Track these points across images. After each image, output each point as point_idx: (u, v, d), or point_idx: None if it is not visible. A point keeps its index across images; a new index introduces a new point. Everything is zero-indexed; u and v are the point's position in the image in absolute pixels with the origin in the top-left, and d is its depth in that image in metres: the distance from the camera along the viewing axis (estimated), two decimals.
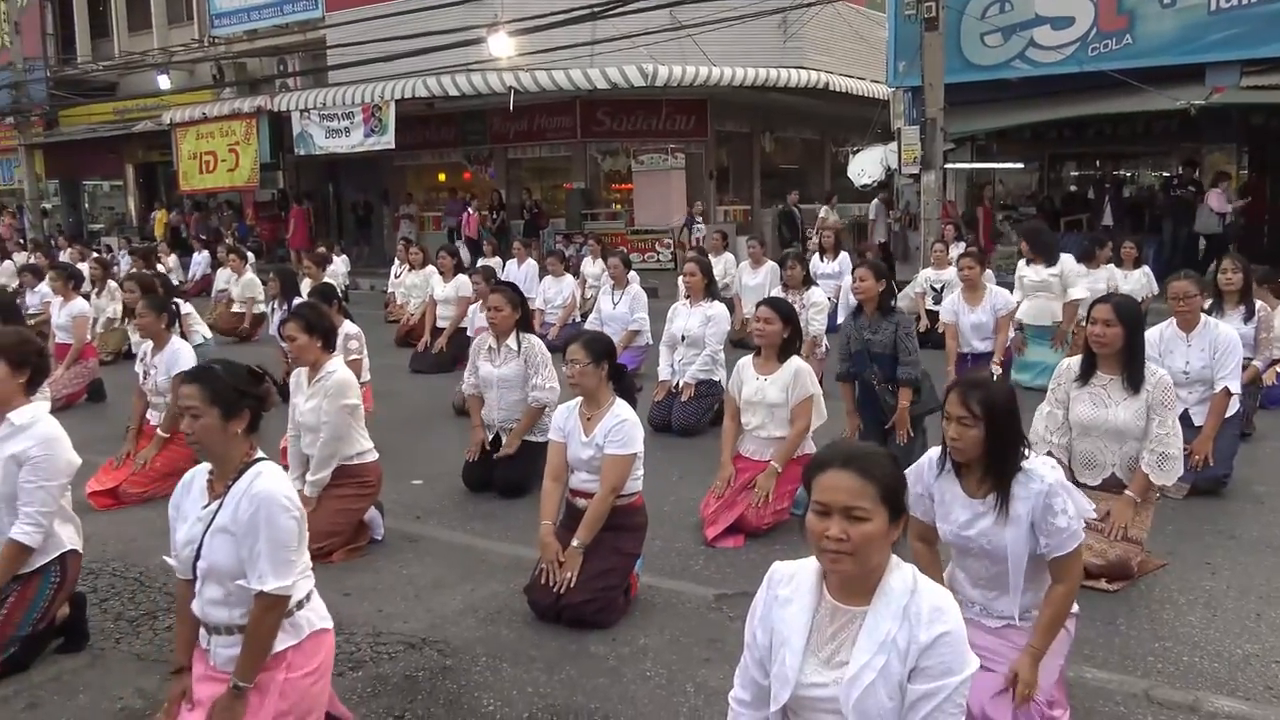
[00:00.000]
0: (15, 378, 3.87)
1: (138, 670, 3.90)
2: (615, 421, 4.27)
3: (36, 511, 3.76)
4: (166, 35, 26.17)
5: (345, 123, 20.49)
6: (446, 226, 22.62)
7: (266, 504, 2.94)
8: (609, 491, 4.20)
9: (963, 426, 3.08)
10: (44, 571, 3.89)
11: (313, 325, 5.12)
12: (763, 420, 5.28)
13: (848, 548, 2.20)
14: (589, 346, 4.37)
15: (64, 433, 3.91)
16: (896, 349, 5.90)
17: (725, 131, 22.00)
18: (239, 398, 3.05)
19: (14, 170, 28.39)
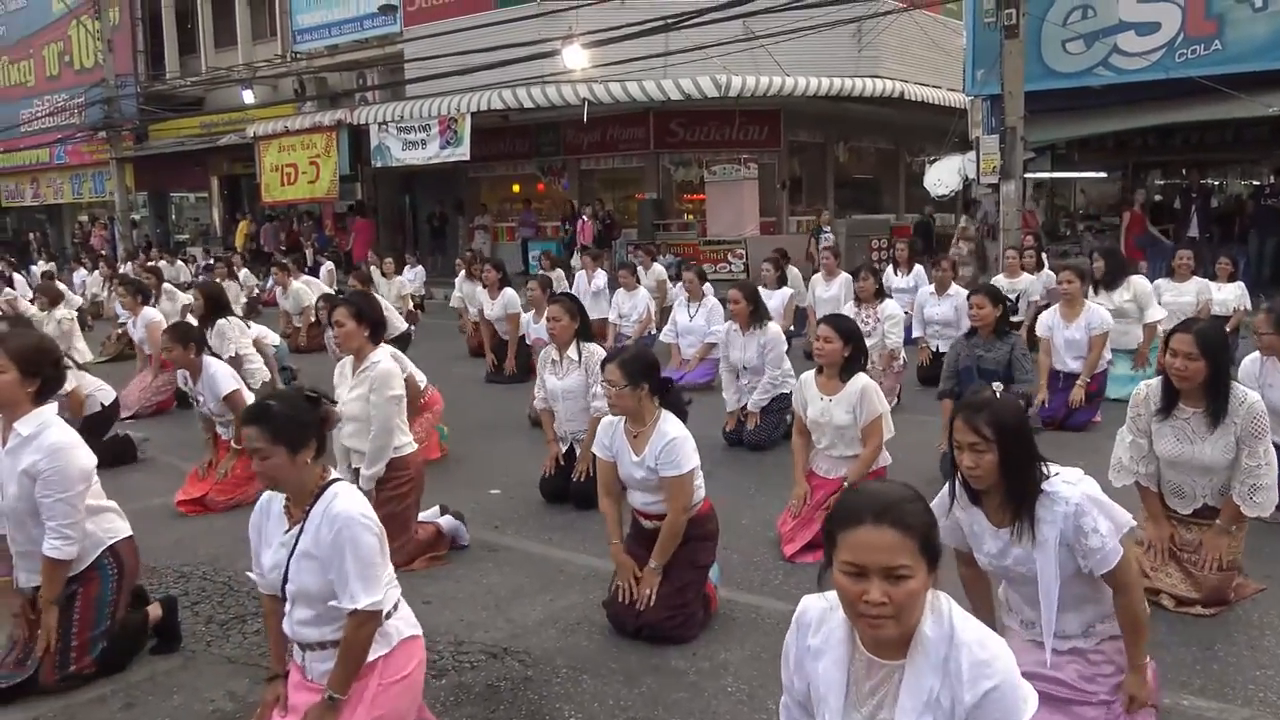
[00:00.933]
0: (25, 385, 3.80)
1: (228, 673, 3.99)
2: (664, 441, 4.10)
3: (60, 524, 3.75)
4: (251, 51, 26.89)
5: (422, 135, 20.83)
6: (521, 237, 22.87)
7: (347, 525, 2.97)
8: (680, 511, 4.10)
9: (976, 453, 2.94)
10: (99, 566, 3.95)
11: (362, 313, 5.08)
12: (832, 440, 5.19)
13: (889, 611, 1.99)
14: (625, 367, 4.16)
15: (72, 437, 3.85)
16: (1011, 367, 5.96)
17: (798, 141, 21.89)
18: (301, 429, 3.04)
19: (105, 183, 29.40)
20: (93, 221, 32.26)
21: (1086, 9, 14.58)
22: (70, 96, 29.35)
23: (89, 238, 31.59)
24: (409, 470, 5.10)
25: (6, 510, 3.82)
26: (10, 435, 3.81)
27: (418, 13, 21.97)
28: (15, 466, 3.75)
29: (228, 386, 6.16)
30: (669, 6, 16.49)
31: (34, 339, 3.98)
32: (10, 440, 3.80)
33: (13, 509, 3.80)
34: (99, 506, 3.99)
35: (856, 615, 2.04)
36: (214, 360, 6.39)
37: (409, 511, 5.10)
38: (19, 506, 3.78)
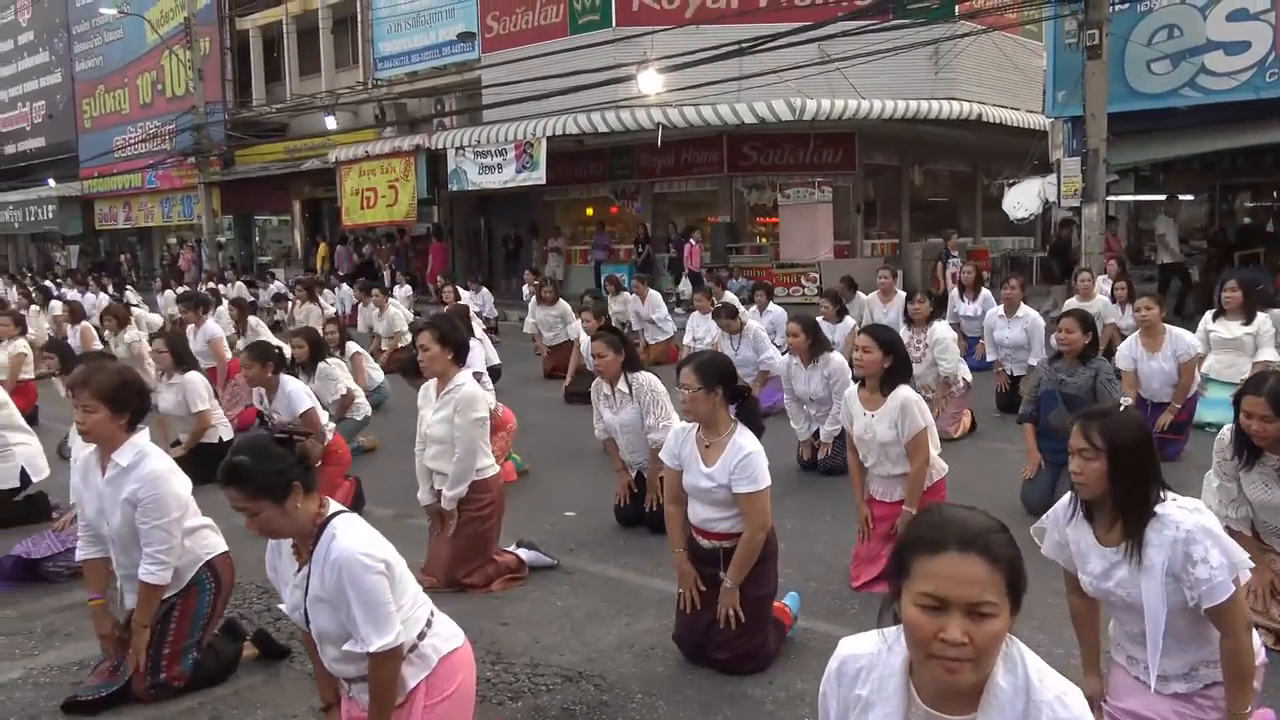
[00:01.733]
0: (116, 420, 3.92)
1: (310, 689, 4.03)
2: (740, 456, 3.97)
3: (157, 551, 3.85)
4: (334, 78, 27.61)
5: (498, 159, 21.15)
6: (594, 260, 23.03)
7: (348, 568, 2.89)
8: (757, 530, 3.98)
9: (1084, 460, 2.89)
10: (197, 581, 4.04)
11: (445, 337, 5.11)
12: (878, 458, 5.06)
13: (968, 653, 1.74)
14: (701, 370, 4.07)
15: (168, 464, 3.97)
16: (1095, 394, 5.85)
17: (873, 164, 21.74)
18: (279, 476, 2.94)
19: (194, 206, 30.39)
20: (181, 244, 33.34)
21: (1172, 29, 14.28)
22: (162, 123, 30.44)
23: (177, 260, 32.66)
24: (491, 493, 5.14)
25: (113, 537, 3.97)
26: (110, 466, 3.94)
27: (495, 39, 22.36)
28: (117, 496, 3.88)
29: (303, 404, 6.33)
30: (744, 31, 16.55)
31: (116, 375, 4.08)
32: (110, 471, 3.94)
33: (118, 535, 3.95)
34: (196, 525, 4.08)
35: (928, 656, 1.78)
36: (290, 378, 6.56)
37: (490, 534, 5.14)
38: (123, 533, 3.92)
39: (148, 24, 29.77)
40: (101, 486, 3.95)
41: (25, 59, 38.85)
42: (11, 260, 44.21)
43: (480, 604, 4.85)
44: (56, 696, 4.01)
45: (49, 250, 41.25)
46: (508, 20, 22.16)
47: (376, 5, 25.30)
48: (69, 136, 36.26)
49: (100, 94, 34.84)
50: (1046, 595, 4.77)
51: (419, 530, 6.18)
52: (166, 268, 33.75)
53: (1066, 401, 5.91)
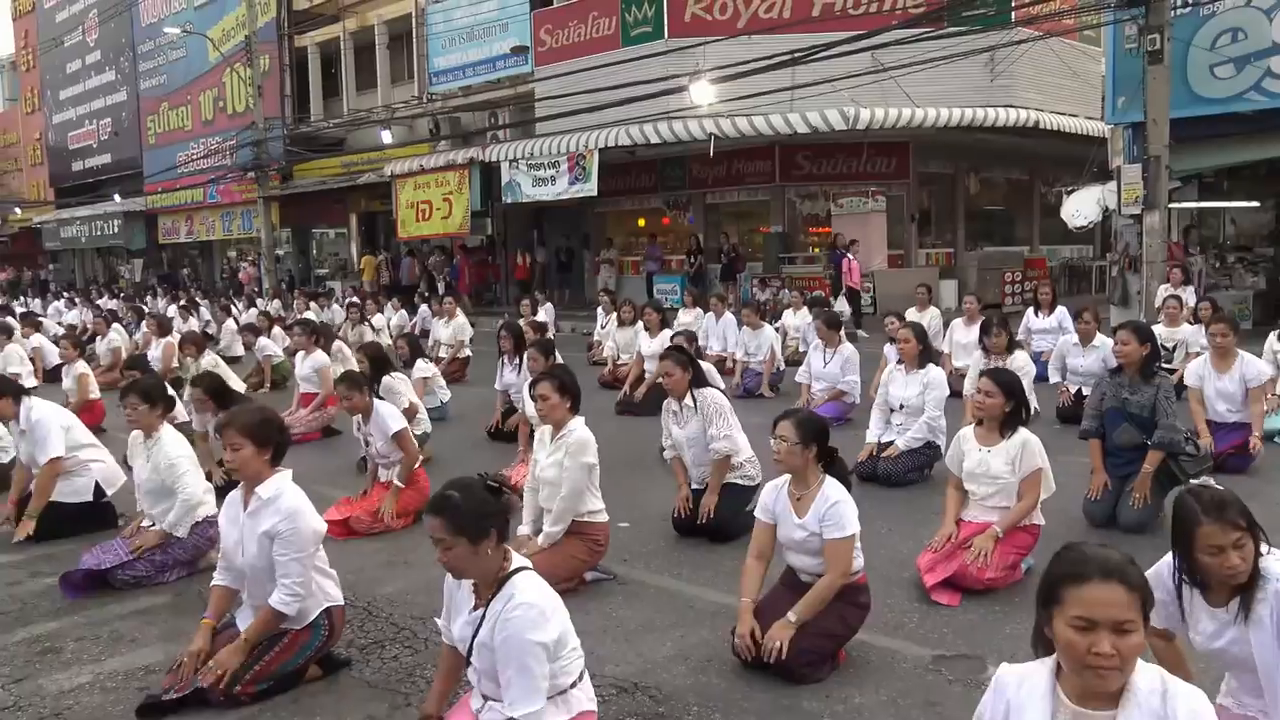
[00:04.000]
0: (261, 455, 4.13)
1: (368, 696, 4.09)
2: (828, 504, 4.11)
3: (293, 582, 4.02)
4: (390, 93, 28.01)
5: (551, 171, 21.29)
6: (646, 271, 23.08)
7: (517, 633, 3.04)
8: (839, 576, 4.08)
9: (1240, 548, 2.81)
10: (314, 625, 4.17)
11: (565, 387, 5.31)
12: (989, 491, 5.07)
13: (1116, 662, 2.13)
14: (800, 426, 4.21)
15: (305, 502, 4.14)
16: (1155, 411, 5.77)
17: (928, 173, 21.54)
18: (481, 520, 3.11)
19: (253, 220, 30.97)
20: (241, 257, 33.96)
21: (1236, 32, 13.98)
22: (223, 139, 31.09)
23: (236, 273, 33.29)
24: (599, 537, 5.26)
25: (245, 567, 4.13)
26: (252, 499, 4.13)
27: (548, 53, 22.52)
28: (256, 528, 4.06)
29: (396, 425, 6.50)
30: (796, 40, 16.51)
31: (258, 413, 4.28)
32: (251, 504, 4.13)
33: (251, 566, 4.10)
34: (325, 571, 4.27)
35: (1084, 667, 2.16)
36: (383, 403, 6.76)
37: (580, 570, 5.21)
38: (258, 564, 4.08)
39: (210, 43, 30.45)
40: (243, 519, 4.14)
41: (93, 78, 39.95)
42: (79, 274, 45.45)
43: None
44: (124, 701, 4.10)
45: (114, 264, 42.30)
46: (560, 33, 22.32)
47: (431, 21, 25.63)
48: (134, 153, 37.19)
49: (164, 111, 35.69)
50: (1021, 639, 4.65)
51: None
52: (227, 281, 34.43)
53: (1130, 420, 5.88)
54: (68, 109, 41.69)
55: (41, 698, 4.18)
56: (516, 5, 23.23)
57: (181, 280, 37.21)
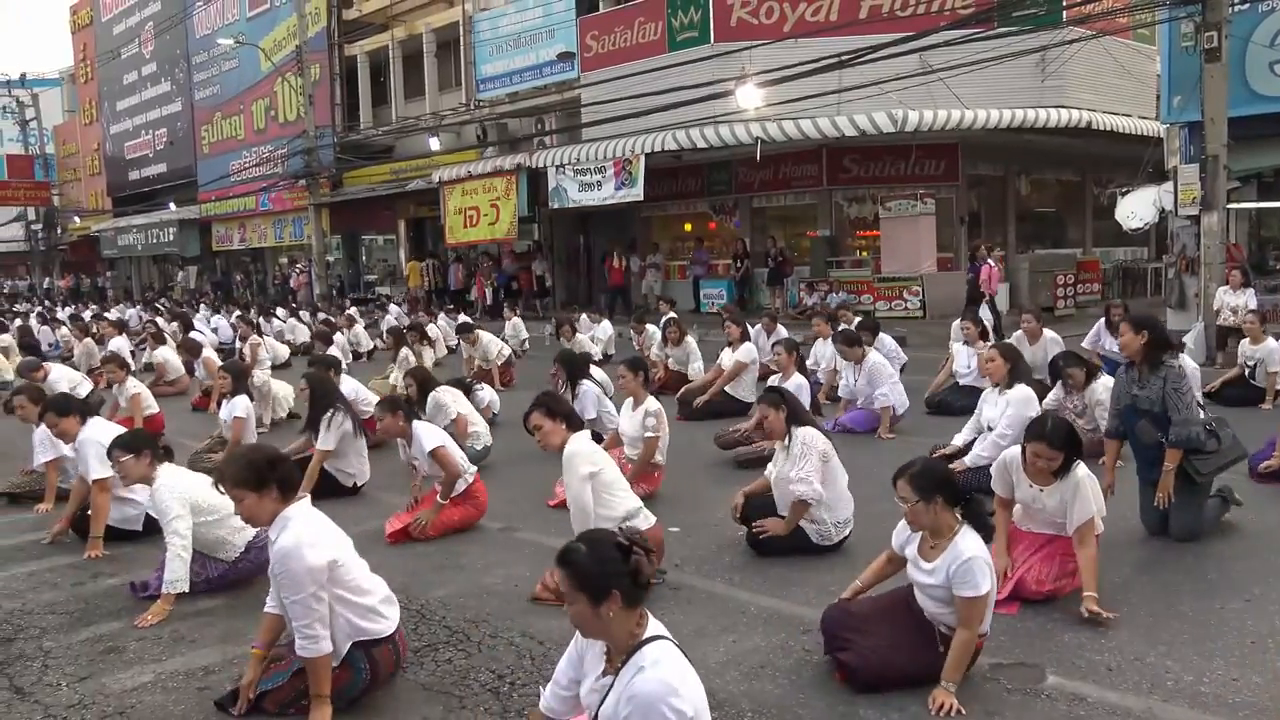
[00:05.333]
0: (264, 499, 3.97)
1: (423, 699, 4.12)
2: (960, 561, 3.87)
3: (300, 624, 3.80)
4: (438, 101, 28.28)
5: (597, 176, 21.36)
6: (693, 276, 23.06)
7: (643, 710, 2.77)
8: (973, 634, 3.90)
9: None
10: (352, 661, 3.98)
11: (553, 411, 5.42)
12: (1043, 519, 4.93)
13: None
14: (916, 480, 3.98)
15: (305, 537, 3.86)
16: (1165, 404, 5.58)
17: (977, 175, 21.31)
18: (603, 580, 2.88)
19: (304, 227, 31.42)
20: (292, 264, 34.46)
21: None
22: (275, 148, 31.62)
23: (288, 279, 33.77)
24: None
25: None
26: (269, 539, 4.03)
27: (594, 58, 22.62)
28: (271, 568, 3.92)
29: (432, 443, 6.41)
30: (843, 43, 16.42)
31: (242, 459, 4.10)
32: (267, 541, 4.05)
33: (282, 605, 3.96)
34: (356, 603, 3.99)
35: None
36: (420, 423, 6.67)
37: None
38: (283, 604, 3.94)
39: (261, 53, 30.94)
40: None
41: (149, 89, 40.79)
42: (135, 282, 46.39)
43: None
44: (184, 701, 4.17)
45: (170, 271, 43.11)
46: (607, 39, 22.40)
47: (478, 28, 25.85)
48: (188, 162, 37.90)
49: (217, 120, 36.33)
50: (1170, 619, 4.61)
51: (524, 544, 6.28)
52: (279, 288, 34.94)
53: (1143, 417, 5.71)
54: (124, 120, 42.60)
55: (105, 696, 4.26)
56: (563, 12, 23.36)
57: (234, 286, 37.85)
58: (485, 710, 3.99)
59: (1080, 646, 4.38)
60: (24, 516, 7.31)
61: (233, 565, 5.46)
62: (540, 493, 7.36)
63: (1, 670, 4.58)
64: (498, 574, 5.69)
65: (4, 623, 5.18)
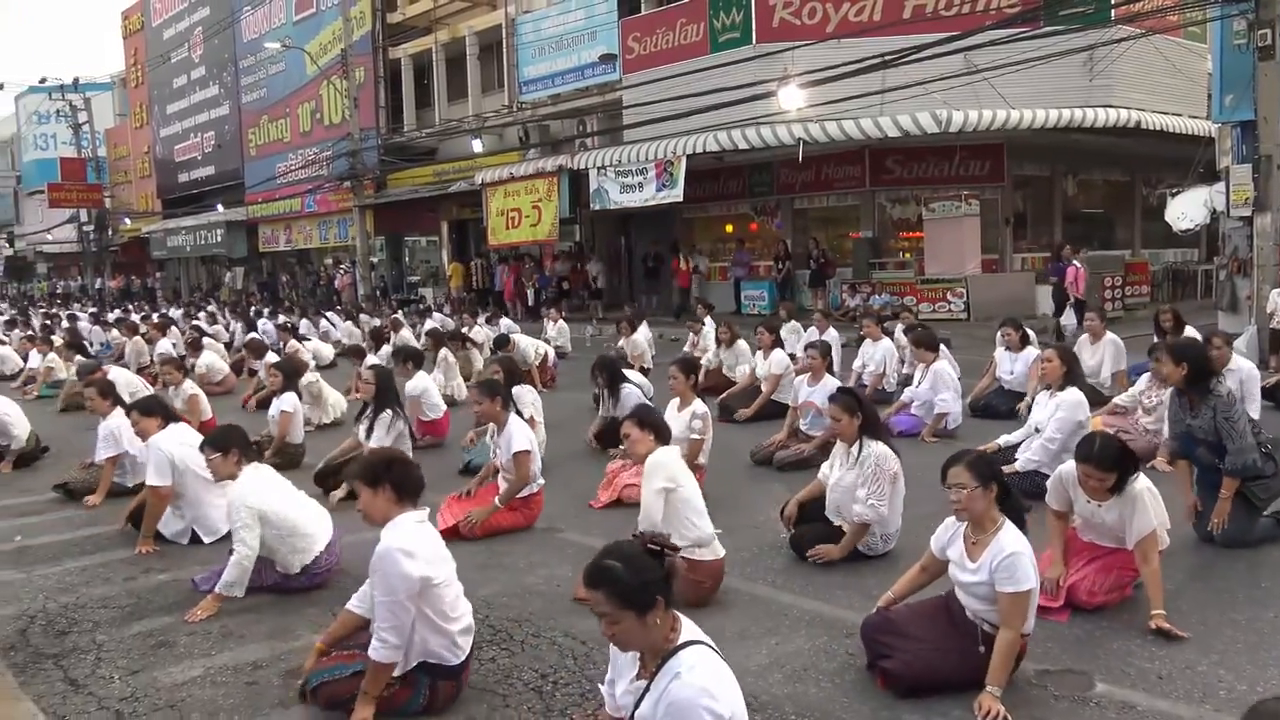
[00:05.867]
0: (377, 496, 4.02)
1: (468, 697, 4.14)
2: (1003, 555, 3.86)
3: (380, 626, 3.81)
4: (480, 103, 28.45)
5: (639, 178, 21.39)
6: (734, 277, 23.01)
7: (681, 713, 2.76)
8: (1016, 632, 3.85)
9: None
10: (416, 686, 3.96)
11: (644, 422, 5.35)
12: (1100, 536, 4.84)
13: None
14: (974, 467, 3.98)
15: (404, 544, 3.86)
16: (1219, 433, 5.50)
17: (1023, 175, 21.07)
18: (646, 589, 2.85)
19: (349, 228, 31.76)
20: (336, 265, 34.84)
21: None
22: (320, 150, 31.98)
23: (333, 280, 34.14)
24: (705, 578, 5.04)
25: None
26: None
27: (636, 60, 22.65)
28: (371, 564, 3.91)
29: (519, 446, 6.44)
30: (887, 43, 16.31)
31: (367, 456, 4.27)
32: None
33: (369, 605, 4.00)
34: (439, 626, 3.97)
35: None
36: (516, 420, 6.68)
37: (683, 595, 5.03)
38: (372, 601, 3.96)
39: (307, 56, 31.31)
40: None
41: (197, 93, 41.42)
42: (184, 282, 47.16)
43: None
44: (233, 695, 4.24)
45: (217, 272, 43.75)
46: (648, 40, 22.42)
47: (520, 31, 25.98)
48: (236, 164, 38.44)
49: (264, 123, 36.82)
50: (1223, 627, 4.54)
51: (567, 544, 6.31)
52: (324, 289, 35.34)
53: (1203, 446, 5.64)
54: (174, 123, 43.30)
55: (156, 689, 4.34)
56: (605, 14, 23.41)
57: (280, 287, 38.32)
58: (529, 709, 4.02)
59: (1129, 654, 4.32)
60: (78, 512, 7.47)
61: (285, 579, 5.46)
62: (584, 494, 7.39)
63: (56, 662, 4.68)
64: (540, 574, 5.72)
65: (59, 616, 5.30)
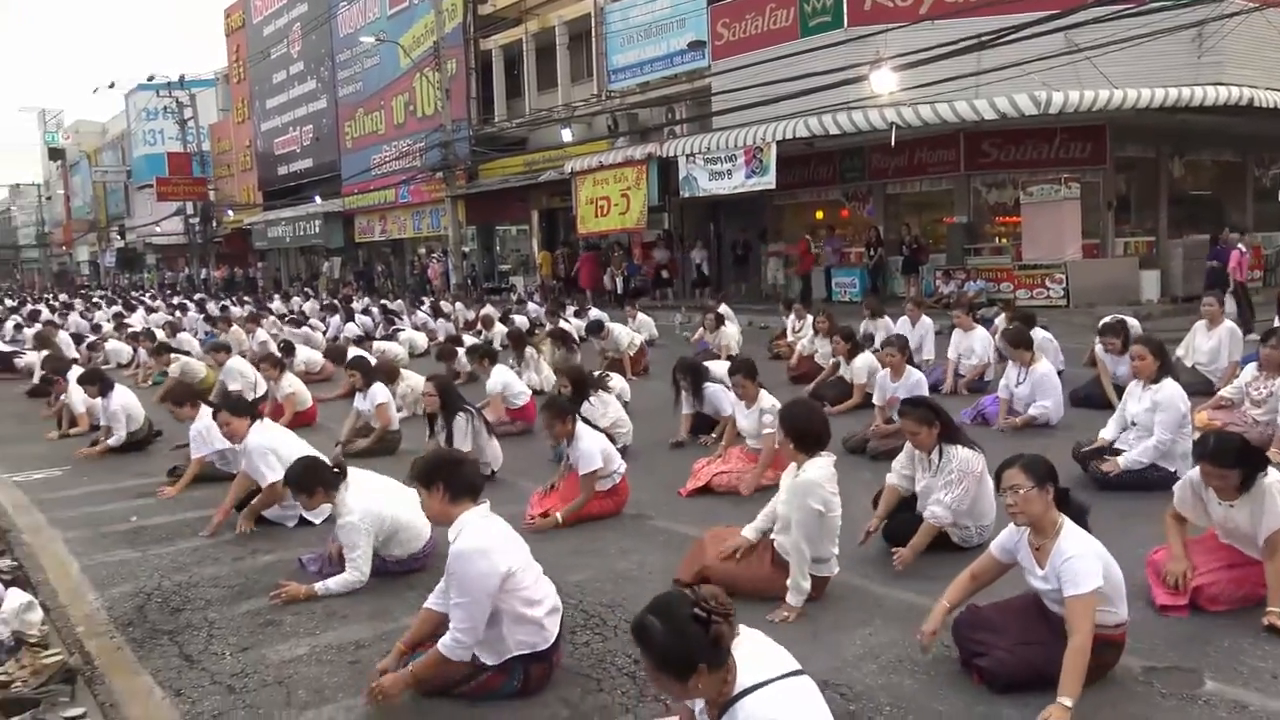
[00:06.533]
0: (431, 497, 4.07)
1: (562, 680, 4.21)
2: (1063, 559, 3.78)
3: (457, 626, 3.88)
4: (570, 92, 28.65)
5: (728, 165, 21.27)
6: (825, 265, 22.75)
7: None
8: (1084, 637, 3.68)
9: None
10: (511, 671, 4.02)
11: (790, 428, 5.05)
12: (1245, 545, 4.61)
13: None
14: (1030, 469, 3.90)
15: (484, 543, 3.92)
16: None
17: (1126, 157, 20.35)
18: (685, 657, 2.71)
19: (441, 218, 32.32)
20: (429, 254, 35.50)
21: None
22: (413, 141, 32.59)
23: (425, 269, 34.80)
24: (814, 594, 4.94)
25: None
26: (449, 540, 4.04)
27: (725, 46, 22.51)
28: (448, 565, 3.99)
29: (587, 468, 6.46)
30: (983, 23, 15.92)
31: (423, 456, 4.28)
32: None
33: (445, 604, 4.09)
34: (524, 615, 4.01)
35: None
36: (588, 434, 6.62)
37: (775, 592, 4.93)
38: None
39: (401, 50, 31.90)
40: None
41: (296, 87, 42.57)
42: (284, 272, 48.57)
43: None
44: (338, 673, 4.38)
45: (315, 262, 44.96)
46: (738, 26, 22.26)
47: (610, 20, 26.06)
48: (332, 157, 39.41)
49: (359, 116, 37.65)
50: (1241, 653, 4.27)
51: (658, 531, 6.35)
52: (417, 277, 36.05)
53: None
54: (273, 117, 44.59)
55: (265, 666, 4.51)
56: (693, 1, 23.32)
57: (375, 277, 39.21)
58: (622, 693, 4.07)
59: (1241, 652, 4.17)
60: (189, 494, 7.74)
61: (384, 562, 5.58)
62: (673, 482, 7.43)
63: (172, 638, 4.90)
64: (632, 560, 5.78)
65: (173, 594, 5.54)
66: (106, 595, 5.57)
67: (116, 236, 64.30)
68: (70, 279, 74.23)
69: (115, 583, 5.79)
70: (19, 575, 5.92)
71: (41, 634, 4.76)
